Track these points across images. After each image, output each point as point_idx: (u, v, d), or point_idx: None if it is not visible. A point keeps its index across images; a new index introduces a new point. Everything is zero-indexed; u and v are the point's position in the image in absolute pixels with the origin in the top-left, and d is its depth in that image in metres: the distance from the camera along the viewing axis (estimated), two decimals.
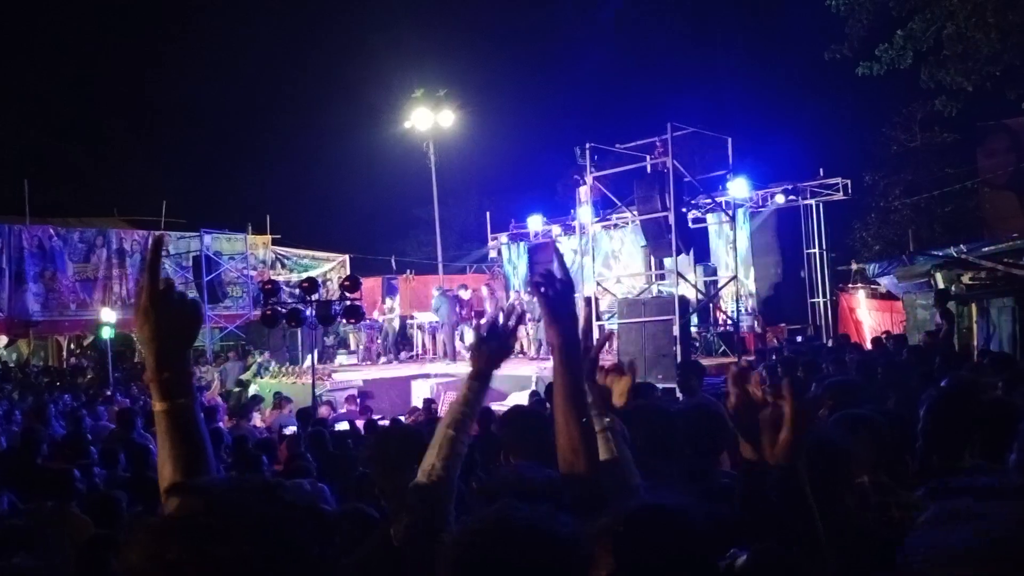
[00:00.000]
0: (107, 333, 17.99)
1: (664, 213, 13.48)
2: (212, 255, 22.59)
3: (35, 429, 9.06)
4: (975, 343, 12.22)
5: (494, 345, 2.18)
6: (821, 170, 17.83)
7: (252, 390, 15.67)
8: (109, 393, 14.01)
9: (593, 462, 1.81)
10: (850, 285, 20.25)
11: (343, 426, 9.87)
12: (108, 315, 18.52)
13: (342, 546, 2.41)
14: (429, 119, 23.15)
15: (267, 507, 0.96)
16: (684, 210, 14.45)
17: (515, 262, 23.54)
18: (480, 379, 2.15)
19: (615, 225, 20.09)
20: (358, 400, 13.87)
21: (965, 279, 13.57)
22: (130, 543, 0.96)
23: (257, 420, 11.37)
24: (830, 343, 14.88)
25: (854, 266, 21.85)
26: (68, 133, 34.74)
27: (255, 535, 0.91)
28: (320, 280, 17.44)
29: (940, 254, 15.65)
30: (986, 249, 14.89)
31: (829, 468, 1.96)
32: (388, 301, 21.07)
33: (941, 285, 14.05)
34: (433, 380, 15.63)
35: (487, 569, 1.17)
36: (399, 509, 2.38)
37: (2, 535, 3.90)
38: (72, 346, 25.01)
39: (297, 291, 14.19)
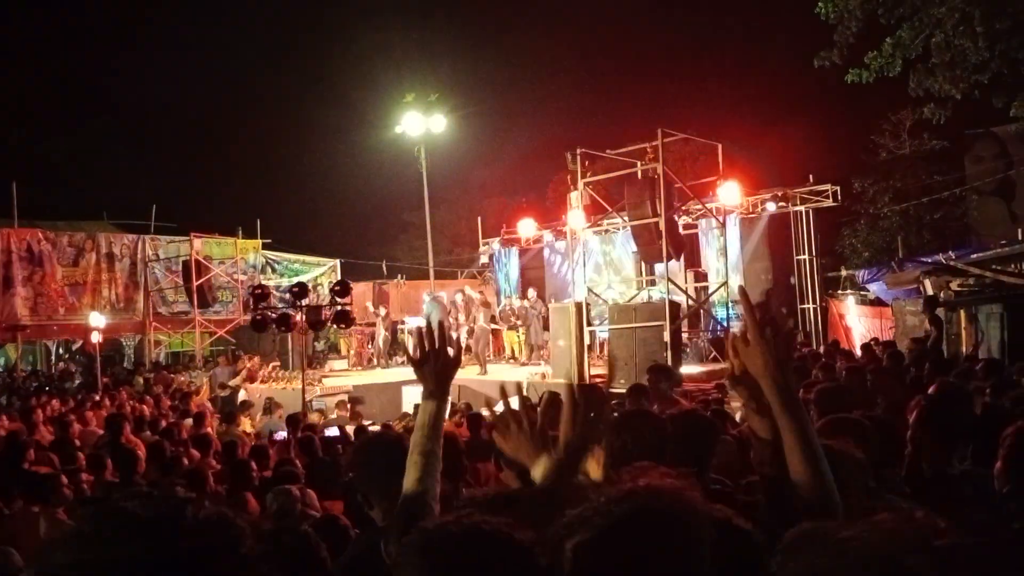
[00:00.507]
0: (96, 338, 17.89)
1: (655, 219, 13.50)
2: (202, 259, 22.52)
3: (21, 433, 9.03)
4: (964, 349, 12.27)
5: (436, 363, 2.17)
6: (811, 177, 17.91)
7: (242, 395, 15.61)
8: (97, 398, 13.93)
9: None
10: (839, 291, 20.34)
11: (333, 431, 9.84)
12: (97, 320, 18.42)
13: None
14: (420, 124, 23.14)
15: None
16: (675, 216, 14.48)
17: (506, 267, 23.55)
18: (434, 398, 2.15)
19: (606, 231, 20.12)
20: (348, 405, 13.83)
21: (954, 285, 13.64)
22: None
23: (247, 426, 11.33)
24: (821, 349, 14.92)
25: (843, 272, 21.97)
26: (57, 136, 34.64)
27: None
28: (310, 285, 17.42)
29: (929, 261, 15.76)
30: (974, 256, 15.00)
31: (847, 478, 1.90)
32: (379, 307, 21.04)
33: (930, 291, 14.12)
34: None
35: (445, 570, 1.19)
36: (384, 515, 2.38)
37: None
38: (61, 351, 24.89)
39: (287, 296, 14.16)
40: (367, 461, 2.62)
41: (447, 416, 2.44)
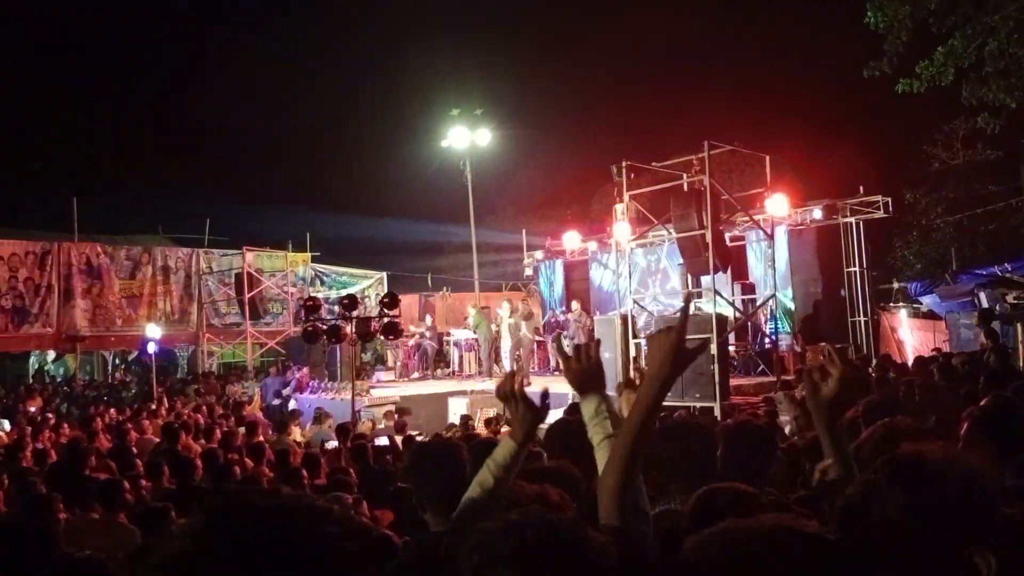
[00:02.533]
0: (152, 348, 18.34)
1: (701, 231, 13.44)
2: (253, 272, 22.97)
3: (81, 441, 9.32)
4: (1021, 363, 11.98)
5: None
6: (861, 188, 17.63)
7: (292, 405, 15.86)
8: (154, 407, 14.28)
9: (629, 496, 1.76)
10: (891, 304, 19.98)
11: (383, 441, 9.97)
12: (153, 331, 18.89)
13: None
14: (466, 138, 23.38)
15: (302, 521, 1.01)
16: (721, 228, 14.39)
17: (551, 279, 23.58)
18: (523, 446, 2.17)
19: (651, 243, 20.04)
20: (395, 416, 13.97)
21: (1010, 298, 13.35)
22: (166, 541, 1.02)
23: (297, 435, 11.52)
24: (872, 363, 14.67)
25: (895, 285, 21.58)
26: (115, 153, 35.62)
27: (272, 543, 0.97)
28: (359, 297, 17.64)
29: (984, 273, 15.43)
30: None
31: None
32: (427, 318, 21.22)
33: (985, 304, 13.83)
34: (470, 397, 15.70)
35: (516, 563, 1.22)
36: (438, 520, 2.44)
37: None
38: (117, 361, 25.54)
39: (337, 308, 14.37)
40: (424, 466, 2.70)
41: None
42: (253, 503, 1.02)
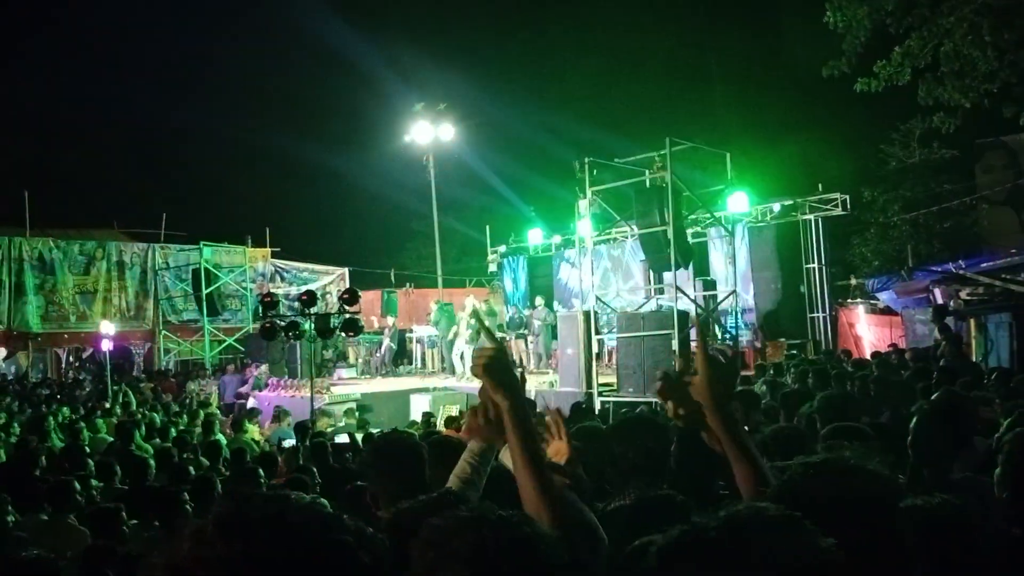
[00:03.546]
0: (106, 346, 17.99)
1: (663, 227, 13.50)
2: (211, 268, 22.63)
3: (31, 441, 9.09)
4: (973, 358, 12.22)
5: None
6: (820, 185, 17.88)
7: (250, 403, 15.65)
8: (108, 405, 14.00)
9: (557, 514, 1.72)
10: (849, 300, 20.27)
11: (343, 439, 9.86)
12: (108, 328, 18.53)
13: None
14: (429, 133, 23.25)
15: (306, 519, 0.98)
16: (683, 225, 14.48)
17: (515, 275, 23.57)
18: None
19: (614, 239, 20.11)
20: (356, 414, 13.86)
21: (963, 294, 13.61)
22: (176, 543, 0.99)
23: (254, 433, 11.36)
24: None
25: (853, 281, 21.89)
26: (68, 145, 34.87)
27: (276, 538, 0.94)
28: (319, 293, 17.47)
29: (939, 269, 15.72)
30: (984, 265, 14.95)
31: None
32: (388, 318, 21.09)
33: (940, 300, 14.08)
34: (432, 394, 15.63)
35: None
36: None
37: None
38: (71, 358, 25.00)
39: (296, 304, 14.22)
40: (381, 462, 2.64)
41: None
42: (264, 509, 0.99)
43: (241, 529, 0.95)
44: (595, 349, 14.20)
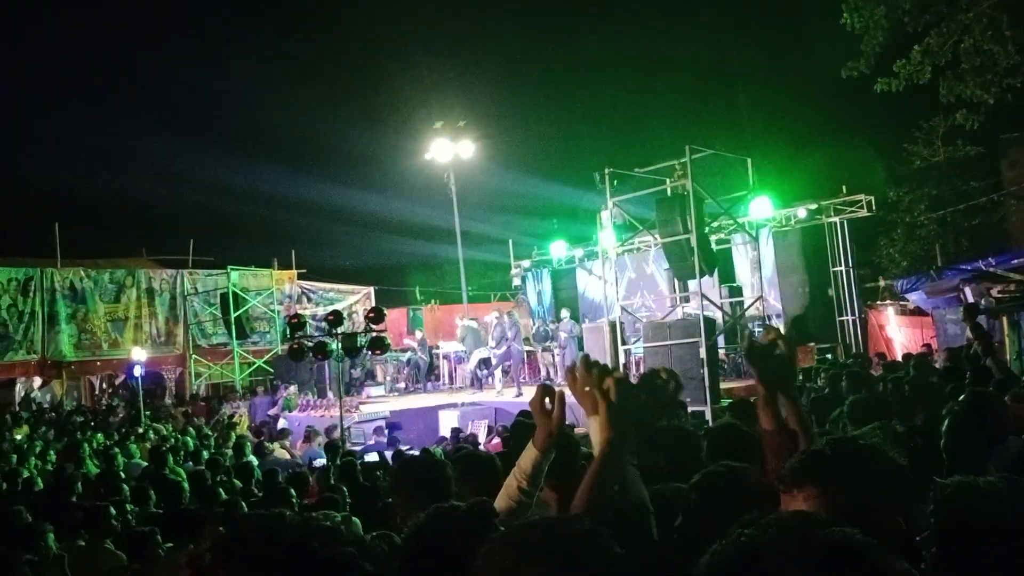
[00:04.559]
0: (138, 372, 18.20)
1: (686, 235, 13.46)
2: (239, 291, 22.85)
3: (67, 468, 9.22)
4: (1008, 356, 12.03)
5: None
6: (844, 187, 17.72)
7: (281, 423, 15.75)
8: (141, 431, 14.15)
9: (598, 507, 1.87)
10: (879, 302, 20.06)
11: (372, 457, 9.89)
12: (139, 354, 18.75)
13: None
14: (449, 150, 23.37)
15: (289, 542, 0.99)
16: (706, 232, 14.42)
17: (539, 288, 23.56)
18: (544, 454, 2.18)
19: (638, 249, 20.07)
20: (386, 431, 13.90)
21: (994, 292, 13.42)
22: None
23: (285, 454, 11.42)
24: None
25: (882, 283, 21.67)
26: (96, 176, 35.41)
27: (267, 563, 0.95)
28: (345, 313, 17.56)
29: (968, 268, 15.52)
30: (1015, 262, 14.72)
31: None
32: (417, 332, 21.14)
33: (970, 299, 13.89)
34: (460, 409, 15.64)
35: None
36: None
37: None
38: (104, 385, 25.31)
39: (323, 324, 14.30)
40: (407, 483, 2.65)
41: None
42: (258, 531, 1.01)
43: (238, 552, 0.96)
44: (622, 359, 14.15)
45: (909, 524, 1.56)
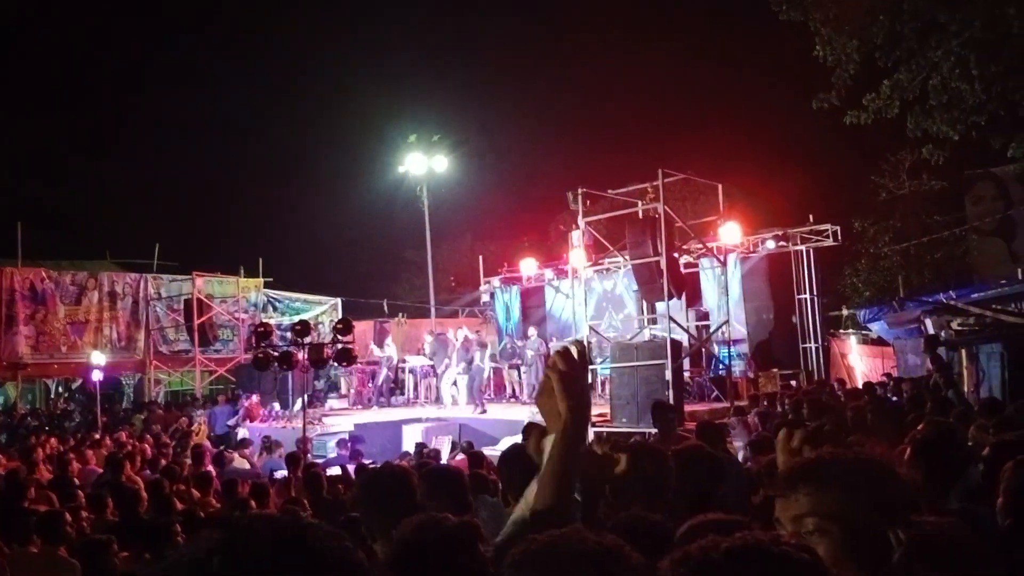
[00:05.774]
0: (97, 376, 17.87)
1: (656, 258, 13.56)
2: (204, 298, 22.56)
3: (20, 471, 8.99)
4: (966, 388, 12.23)
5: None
6: (811, 216, 17.99)
7: (241, 433, 15.53)
8: (97, 437, 13.87)
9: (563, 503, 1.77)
10: (841, 330, 20.34)
11: (335, 471, 9.78)
12: (98, 358, 18.42)
13: None
14: (423, 164, 23.39)
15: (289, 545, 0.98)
16: (676, 255, 14.54)
17: (508, 305, 23.55)
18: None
19: (607, 269, 20.17)
20: (348, 444, 13.77)
21: (954, 325, 13.65)
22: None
23: (245, 464, 11.25)
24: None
25: (845, 312, 22.00)
26: (60, 177, 34.89)
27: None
28: (312, 323, 17.39)
29: (930, 300, 15.77)
30: (975, 295, 15.01)
31: None
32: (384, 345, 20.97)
33: (931, 331, 14.12)
34: (424, 424, 15.55)
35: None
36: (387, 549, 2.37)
37: None
38: (60, 389, 24.82)
39: (289, 334, 14.17)
40: (373, 495, 2.63)
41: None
42: (266, 531, 0.98)
43: (249, 554, 0.94)
44: (588, 379, 14.16)
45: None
